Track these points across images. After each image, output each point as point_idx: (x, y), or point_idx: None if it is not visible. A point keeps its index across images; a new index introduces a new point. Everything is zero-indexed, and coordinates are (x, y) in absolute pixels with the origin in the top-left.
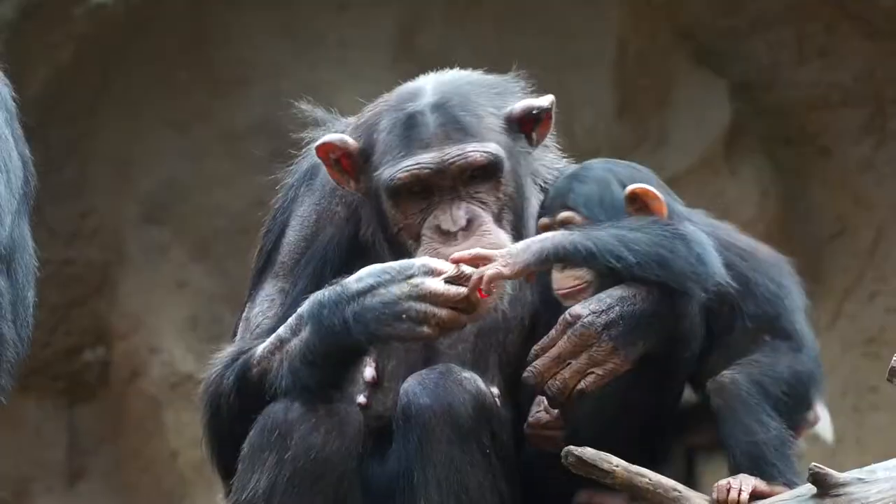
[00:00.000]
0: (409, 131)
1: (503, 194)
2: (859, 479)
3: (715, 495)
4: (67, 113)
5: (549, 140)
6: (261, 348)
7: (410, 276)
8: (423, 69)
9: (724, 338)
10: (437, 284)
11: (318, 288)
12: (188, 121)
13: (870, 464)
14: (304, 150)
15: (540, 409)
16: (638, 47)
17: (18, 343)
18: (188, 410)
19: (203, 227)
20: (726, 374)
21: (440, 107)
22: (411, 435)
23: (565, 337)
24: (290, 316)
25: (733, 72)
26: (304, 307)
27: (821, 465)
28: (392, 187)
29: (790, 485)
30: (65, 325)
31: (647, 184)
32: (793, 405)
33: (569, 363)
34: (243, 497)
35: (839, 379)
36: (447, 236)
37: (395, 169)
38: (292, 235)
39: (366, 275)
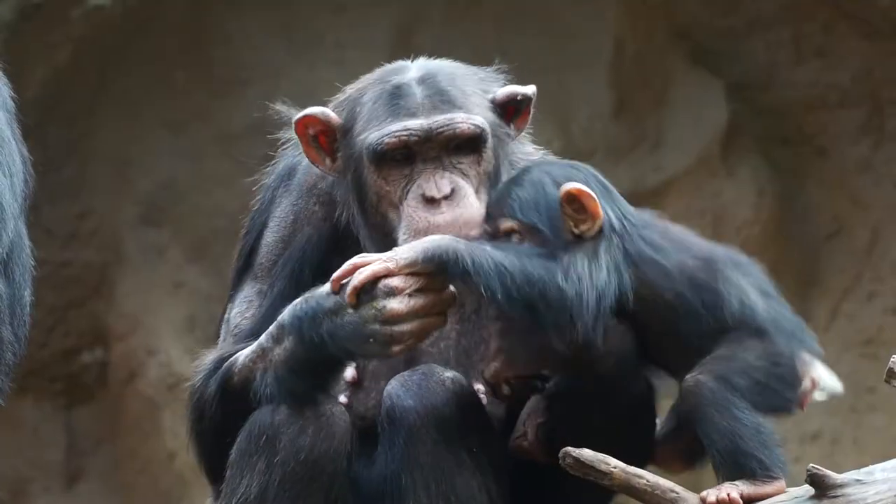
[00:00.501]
0: (396, 100)
1: (483, 169)
2: (857, 480)
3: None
4: (65, 113)
5: (527, 133)
6: (242, 356)
7: (373, 299)
8: None
9: (680, 348)
10: (398, 304)
11: (297, 289)
12: (186, 121)
13: (868, 465)
14: (280, 151)
15: (518, 436)
16: (635, 47)
17: (16, 343)
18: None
19: (201, 228)
20: (689, 379)
21: (426, 80)
22: (397, 438)
23: None
24: (268, 318)
25: (730, 72)
26: (284, 316)
27: (818, 467)
28: (377, 151)
29: (775, 476)
30: (62, 327)
31: (582, 183)
32: (774, 388)
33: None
34: (234, 502)
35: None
36: (431, 204)
37: (382, 133)
38: (270, 237)
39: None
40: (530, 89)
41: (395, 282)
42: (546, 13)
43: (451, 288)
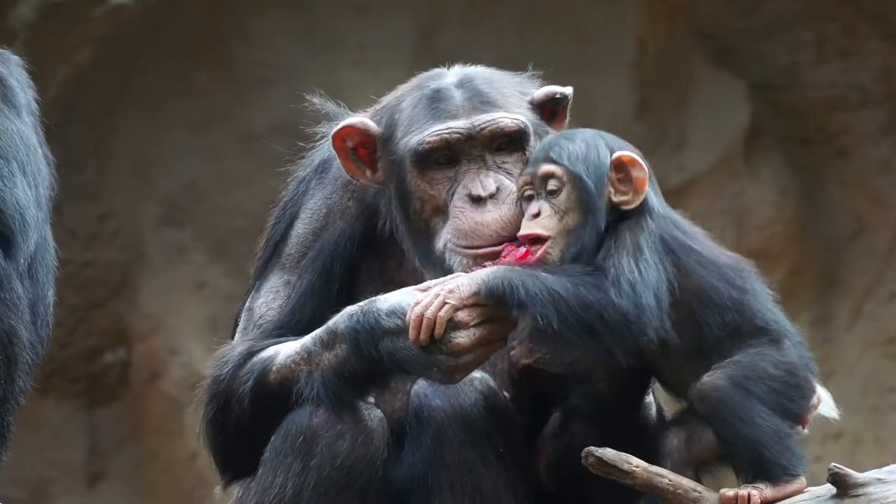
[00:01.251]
0: (436, 103)
1: (524, 160)
2: (878, 479)
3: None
4: (87, 114)
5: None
6: (282, 355)
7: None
8: None
9: (695, 345)
10: (464, 338)
11: (327, 283)
12: (208, 121)
13: (889, 464)
14: (316, 144)
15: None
16: (657, 48)
17: (38, 343)
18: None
19: (222, 228)
20: (706, 381)
21: (465, 83)
22: (424, 437)
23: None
24: (296, 310)
25: (752, 72)
26: (338, 324)
27: (840, 466)
28: (420, 153)
29: (796, 475)
30: (85, 327)
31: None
32: (788, 397)
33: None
34: (267, 501)
35: (859, 379)
36: (478, 203)
37: (424, 134)
38: (301, 228)
39: (398, 311)
40: (568, 89)
41: (460, 315)
42: (567, 14)
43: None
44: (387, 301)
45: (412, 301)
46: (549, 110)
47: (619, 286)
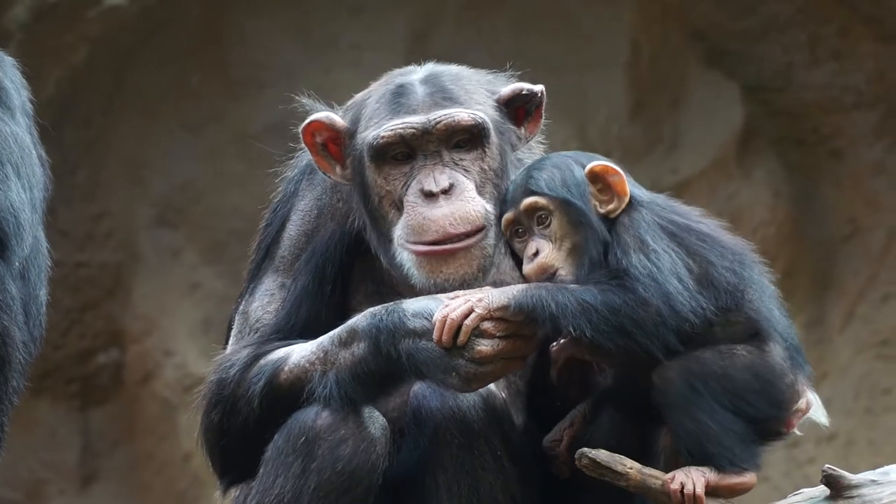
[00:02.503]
0: (398, 98)
1: (487, 167)
2: (872, 480)
3: (666, 488)
4: (81, 115)
5: (538, 141)
6: (296, 356)
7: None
8: None
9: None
10: (487, 347)
11: (321, 285)
12: (202, 123)
13: (883, 465)
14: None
15: (554, 439)
16: (651, 50)
17: (31, 343)
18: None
19: (217, 230)
20: (660, 371)
21: (430, 79)
22: (422, 439)
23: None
24: (292, 312)
25: (746, 74)
26: (358, 322)
27: (834, 467)
28: (376, 147)
29: (749, 470)
30: (78, 328)
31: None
32: (747, 401)
33: None
34: (267, 500)
35: (852, 381)
36: (430, 199)
37: (380, 129)
38: (293, 230)
39: (425, 313)
40: (538, 87)
41: (486, 325)
42: (562, 15)
43: (538, 335)
44: (414, 304)
45: (440, 305)
46: (521, 110)
47: (645, 284)
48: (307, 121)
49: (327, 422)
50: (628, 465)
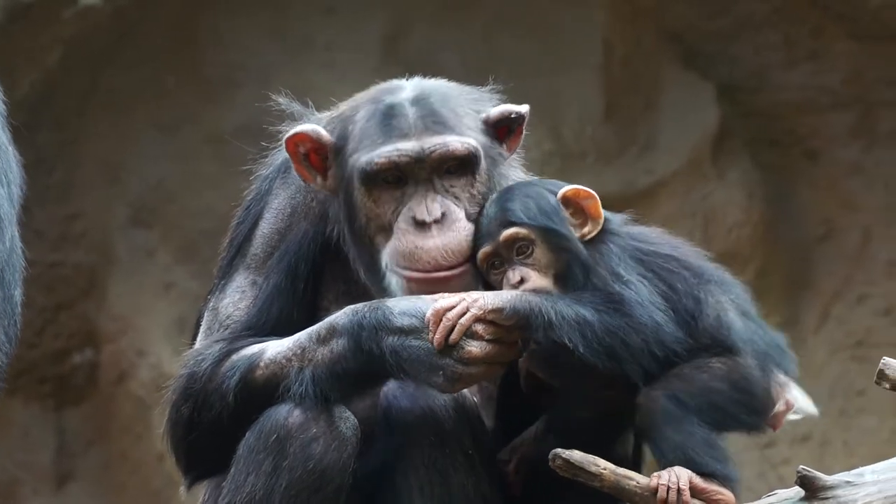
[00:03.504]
0: (389, 120)
1: (477, 192)
2: (847, 481)
3: (653, 484)
4: (55, 115)
5: (517, 156)
6: (272, 352)
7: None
8: (411, 72)
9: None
10: (476, 348)
11: (293, 283)
12: (176, 123)
13: (858, 467)
14: (280, 144)
15: (503, 460)
16: (624, 50)
17: (6, 343)
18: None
19: (191, 230)
20: (644, 393)
21: (420, 100)
22: (393, 438)
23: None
24: (264, 310)
25: (720, 74)
26: (338, 319)
27: (808, 468)
28: (368, 172)
29: (727, 480)
30: (53, 328)
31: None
32: (730, 412)
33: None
34: (238, 499)
35: (827, 382)
36: (422, 228)
37: (373, 154)
38: (266, 227)
39: (413, 311)
40: (523, 108)
41: (478, 326)
42: (535, 16)
43: (520, 343)
44: (399, 302)
45: (430, 304)
46: (504, 129)
47: (636, 310)
48: (292, 131)
49: (299, 420)
50: (602, 466)
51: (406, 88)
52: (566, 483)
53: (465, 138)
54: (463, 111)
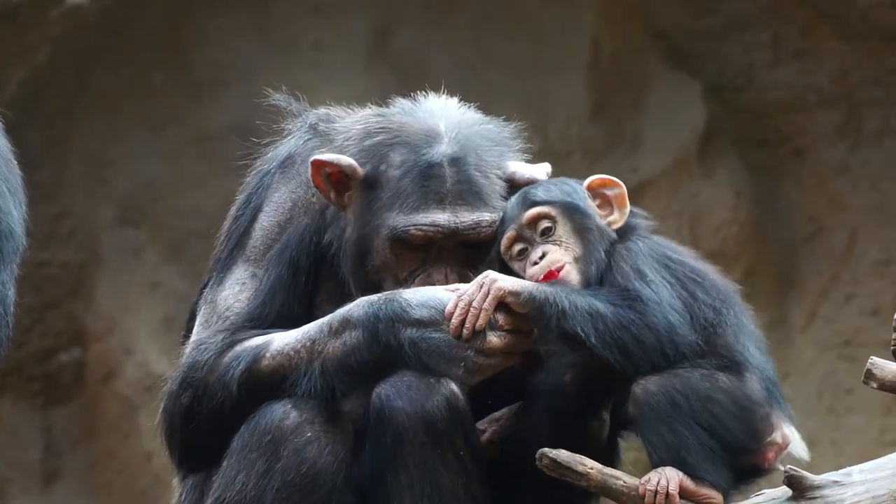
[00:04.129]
0: (427, 182)
1: (489, 255)
2: (835, 481)
3: (642, 490)
4: (43, 114)
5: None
6: (278, 343)
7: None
8: (398, 71)
9: None
10: (497, 339)
11: (295, 276)
12: (164, 122)
13: (845, 466)
14: (281, 139)
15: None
16: (612, 49)
17: None
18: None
19: (178, 229)
20: (640, 384)
21: (457, 161)
22: (384, 437)
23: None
24: (266, 302)
25: (708, 73)
26: (352, 311)
27: (796, 468)
28: (402, 237)
29: (718, 487)
30: (40, 327)
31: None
32: (724, 425)
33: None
34: (230, 496)
35: (814, 381)
36: None
37: (410, 221)
38: (266, 220)
39: (431, 302)
40: (544, 171)
41: (498, 316)
42: (523, 15)
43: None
44: (416, 293)
45: (447, 295)
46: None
47: (651, 308)
48: (323, 157)
49: (294, 422)
50: (589, 466)
51: (443, 139)
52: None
53: (494, 215)
54: (493, 173)
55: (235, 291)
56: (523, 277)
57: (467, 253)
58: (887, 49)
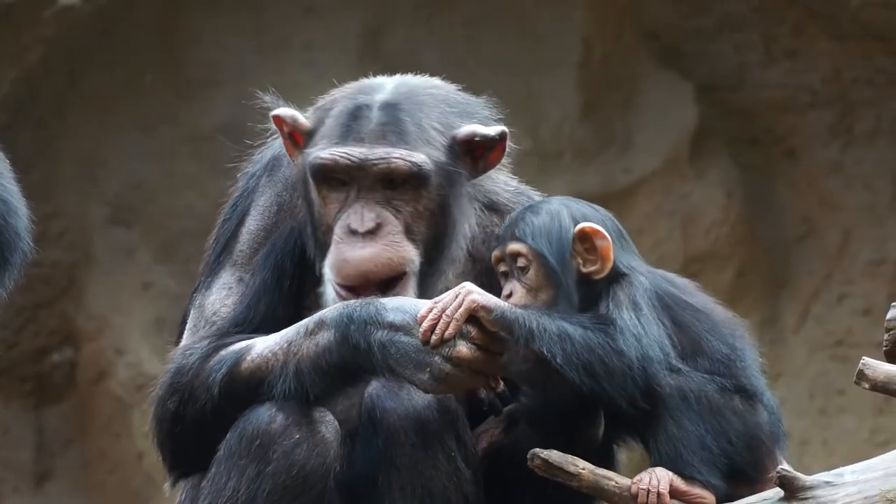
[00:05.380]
0: (352, 121)
1: (423, 208)
2: (826, 482)
3: (633, 490)
4: (35, 115)
5: (506, 164)
6: (259, 347)
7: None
8: (389, 71)
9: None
10: (466, 349)
11: (279, 281)
12: (156, 123)
13: (837, 467)
14: (266, 141)
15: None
16: (603, 49)
17: None
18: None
19: (170, 229)
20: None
21: (389, 106)
22: (375, 438)
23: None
24: (251, 306)
25: (699, 73)
26: (326, 313)
27: (788, 468)
28: (314, 167)
29: (710, 487)
30: (32, 327)
31: (599, 225)
32: (731, 441)
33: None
34: (220, 502)
35: (806, 381)
36: (353, 237)
37: (324, 151)
38: (252, 224)
39: (406, 307)
40: (494, 130)
41: (469, 327)
42: (514, 15)
43: (504, 358)
44: (392, 300)
45: (422, 303)
46: (481, 147)
47: (626, 338)
48: (276, 112)
49: (282, 425)
50: (580, 466)
51: (384, 89)
52: (537, 476)
53: (414, 154)
54: (431, 125)
55: (223, 296)
56: None
57: (388, 193)
58: (879, 49)
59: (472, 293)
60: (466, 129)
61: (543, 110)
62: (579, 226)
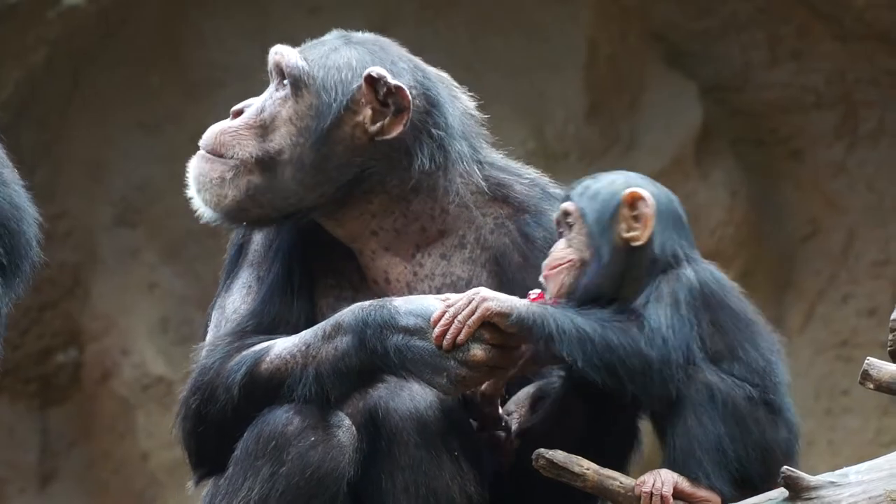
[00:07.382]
0: None
1: (294, 113)
2: (831, 482)
3: (637, 491)
4: (40, 115)
5: (499, 147)
6: (279, 348)
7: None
8: None
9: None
10: (482, 352)
11: (290, 276)
12: (160, 123)
13: (842, 467)
14: None
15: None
16: (609, 49)
17: None
18: (159, 412)
19: (175, 230)
20: (687, 371)
21: (344, 37)
22: (378, 438)
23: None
24: (267, 300)
25: (704, 74)
26: (343, 316)
27: (792, 469)
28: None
29: (717, 491)
30: (37, 328)
31: (652, 198)
32: (753, 453)
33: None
34: (235, 502)
35: (811, 382)
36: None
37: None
38: None
39: (420, 311)
40: (394, 81)
41: (484, 330)
42: (520, 15)
43: (522, 353)
44: (406, 302)
45: (436, 304)
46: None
47: (650, 338)
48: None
49: (298, 428)
50: (585, 466)
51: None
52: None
53: (300, 63)
54: (354, 56)
55: (242, 294)
56: None
57: (275, 89)
58: (883, 50)
59: (486, 300)
60: (374, 69)
61: (549, 111)
62: (627, 189)
